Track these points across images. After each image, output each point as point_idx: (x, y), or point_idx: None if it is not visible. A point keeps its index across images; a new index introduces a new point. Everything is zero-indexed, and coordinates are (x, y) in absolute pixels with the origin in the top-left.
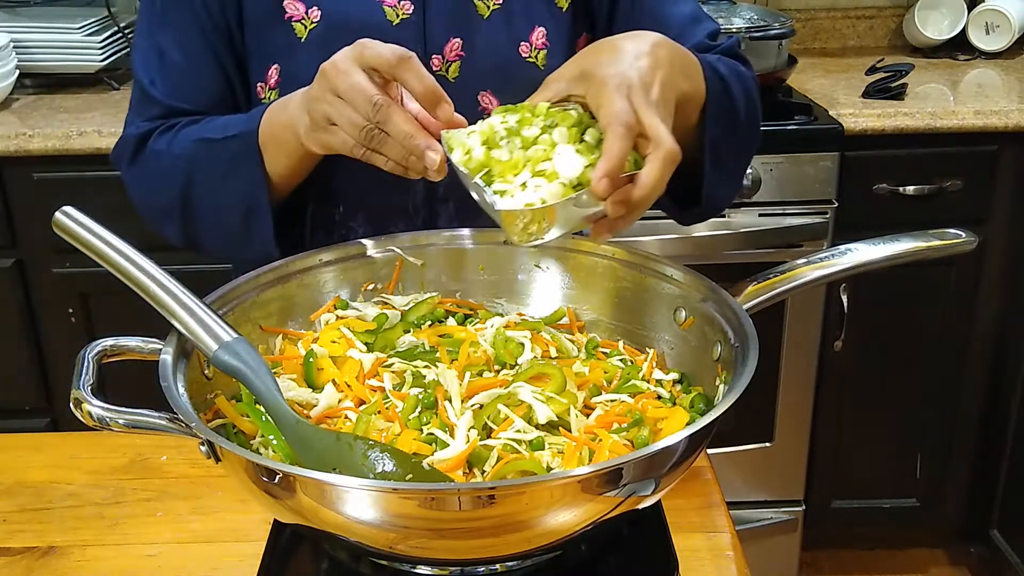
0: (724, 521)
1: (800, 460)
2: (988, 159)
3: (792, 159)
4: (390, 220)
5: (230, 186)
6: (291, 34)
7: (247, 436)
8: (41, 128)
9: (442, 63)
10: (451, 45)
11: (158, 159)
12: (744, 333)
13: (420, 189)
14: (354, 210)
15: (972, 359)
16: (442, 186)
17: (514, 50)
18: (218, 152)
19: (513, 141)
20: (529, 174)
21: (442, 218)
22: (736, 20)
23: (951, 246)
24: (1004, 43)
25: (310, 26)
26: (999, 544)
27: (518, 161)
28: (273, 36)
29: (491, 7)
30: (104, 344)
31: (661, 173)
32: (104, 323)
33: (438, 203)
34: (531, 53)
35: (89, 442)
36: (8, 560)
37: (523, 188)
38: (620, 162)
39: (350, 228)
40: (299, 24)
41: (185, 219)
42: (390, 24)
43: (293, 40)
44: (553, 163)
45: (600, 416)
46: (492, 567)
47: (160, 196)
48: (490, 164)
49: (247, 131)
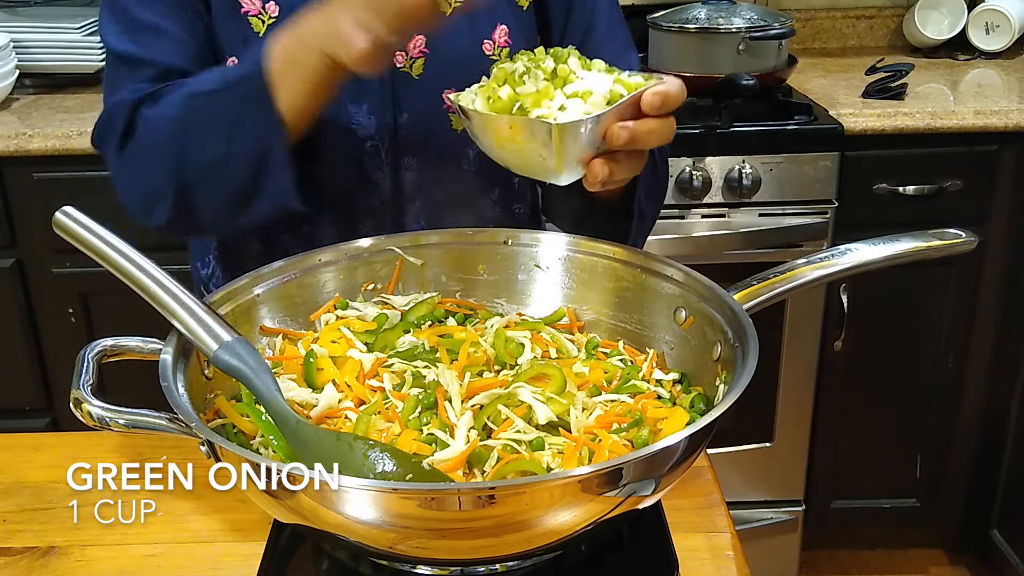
0: (724, 521)
1: (800, 460)
2: (988, 159)
3: (792, 159)
4: (357, 219)
5: (239, 135)
6: (247, 28)
7: (247, 436)
8: (41, 128)
9: (406, 59)
10: (414, 42)
11: (151, 127)
12: (744, 333)
13: (387, 188)
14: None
15: (972, 359)
16: (408, 185)
17: (477, 47)
18: (221, 101)
19: (534, 73)
20: (563, 97)
21: (409, 215)
22: (736, 20)
23: (951, 246)
24: (1004, 43)
25: (268, 21)
26: (999, 544)
27: (547, 89)
28: (230, 29)
29: (453, 4)
30: (104, 344)
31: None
32: (104, 323)
33: (405, 202)
34: (494, 51)
35: (89, 442)
36: (8, 560)
37: (562, 109)
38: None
39: (316, 226)
40: (256, 19)
41: (181, 191)
42: None
43: (250, 35)
44: (585, 83)
45: (600, 416)
46: (492, 567)
47: (153, 173)
48: (519, 99)
49: (251, 72)
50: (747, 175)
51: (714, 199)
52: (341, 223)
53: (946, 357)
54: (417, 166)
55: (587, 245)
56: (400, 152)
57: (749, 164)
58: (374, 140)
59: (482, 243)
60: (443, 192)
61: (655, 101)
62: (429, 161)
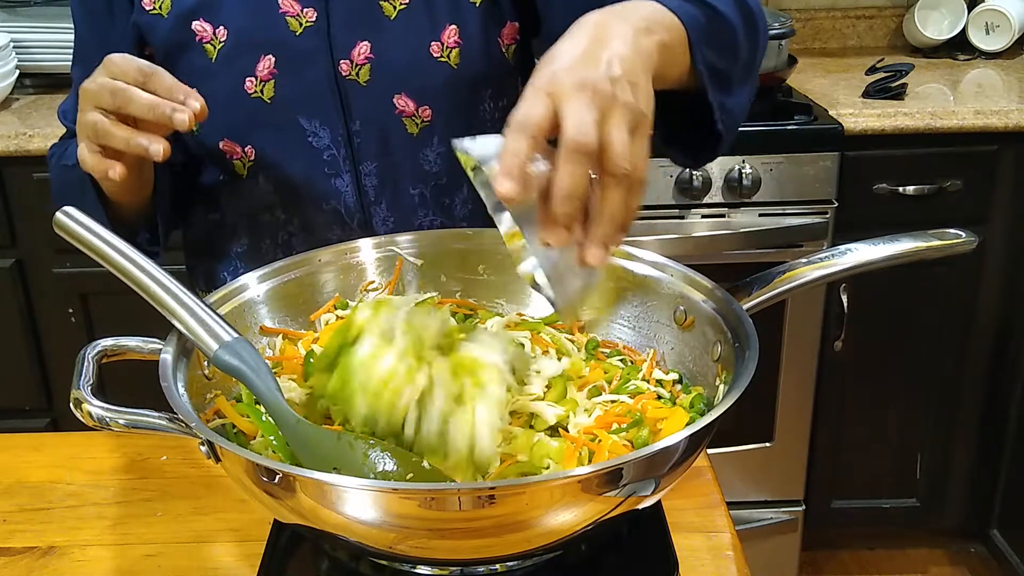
0: (724, 521)
1: (800, 460)
2: (988, 159)
3: (792, 159)
4: (325, 225)
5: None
6: (204, 56)
7: (247, 436)
8: (41, 128)
9: (351, 67)
10: (359, 49)
11: (52, 171)
12: (744, 333)
13: (350, 194)
14: (290, 216)
15: (972, 359)
16: (372, 189)
17: (424, 50)
18: (69, 178)
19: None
20: None
21: (376, 218)
22: None
23: (951, 246)
24: (1004, 43)
25: (219, 46)
26: (999, 544)
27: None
28: (186, 62)
29: (397, 7)
30: (104, 344)
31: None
32: (104, 323)
33: (370, 205)
34: (443, 52)
35: (89, 442)
36: (8, 560)
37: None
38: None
39: (291, 234)
40: (208, 45)
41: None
42: (294, 35)
43: (206, 62)
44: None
45: (600, 416)
46: (492, 567)
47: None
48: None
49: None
50: (747, 175)
51: (714, 199)
52: (312, 230)
53: (946, 357)
54: (376, 171)
55: None
56: (358, 159)
57: (749, 164)
58: (331, 150)
59: (482, 243)
60: (407, 194)
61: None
62: (388, 165)
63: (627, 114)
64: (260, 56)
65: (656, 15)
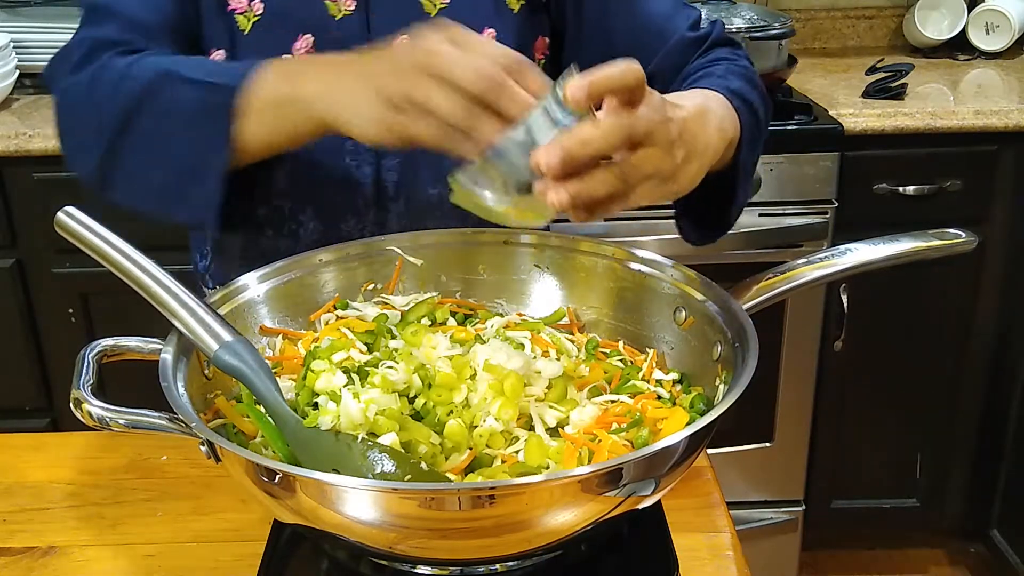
0: (724, 521)
1: (800, 460)
2: (988, 159)
3: (792, 159)
4: (340, 217)
5: (185, 136)
6: (234, 26)
7: (247, 436)
8: (41, 128)
9: None
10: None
11: (109, 73)
12: (744, 333)
13: (369, 186)
14: (303, 206)
15: (972, 359)
16: (391, 185)
17: None
18: (187, 93)
19: None
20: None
21: (392, 215)
22: (736, 20)
23: (951, 246)
24: (1004, 43)
25: (253, 19)
26: (999, 544)
27: None
28: (217, 24)
29: (437, 5)
30: (104, 344)
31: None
32: (104, 323)
33: (388, 201)
34: None
35: (89, 442)
36: (8, 560)
37: None
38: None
39: (300, 223)
40: (242, 17)
41: (110, 152)
42: (332, 19)
43: (235, 31)
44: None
45: (600, 416)
46: (492, 567)
47: (92, 117)
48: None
49: (229, 84)
50: None
51: None
52: (325, 219)
53: (946, 357)
54: (398, 166)
55: (587, 245)
56: (382, 152)
57: None
58: None
59: (482, 243)
60: (425, 194)
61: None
62: (410, 161)
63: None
64: (298, 35)
65: (728, 114)
